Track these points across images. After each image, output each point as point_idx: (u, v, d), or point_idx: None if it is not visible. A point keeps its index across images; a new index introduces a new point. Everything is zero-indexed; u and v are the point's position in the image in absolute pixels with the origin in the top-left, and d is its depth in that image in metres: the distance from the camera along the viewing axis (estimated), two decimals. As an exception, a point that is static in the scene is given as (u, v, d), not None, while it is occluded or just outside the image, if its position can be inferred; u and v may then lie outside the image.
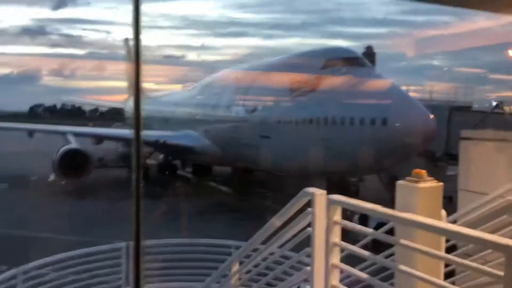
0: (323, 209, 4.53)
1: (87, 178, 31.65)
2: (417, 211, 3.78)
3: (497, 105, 25.84)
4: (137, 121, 3.21)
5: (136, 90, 3.11)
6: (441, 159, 27.77)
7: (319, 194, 4.59)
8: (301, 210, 5.05)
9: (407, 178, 4.08)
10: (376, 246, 6.09)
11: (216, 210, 27.54)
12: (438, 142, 25.37)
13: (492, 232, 6.38)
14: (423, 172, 4.00)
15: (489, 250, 5.91)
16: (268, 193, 31.99)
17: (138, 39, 2.90)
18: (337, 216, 4.38)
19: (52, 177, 32.75)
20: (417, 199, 3.89)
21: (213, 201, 30.05)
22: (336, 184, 25.44)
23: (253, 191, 33.36)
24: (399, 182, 4.15)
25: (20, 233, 21.46)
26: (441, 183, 4.04)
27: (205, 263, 10.52)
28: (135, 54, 2.94)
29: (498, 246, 2.90)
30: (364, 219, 18.74)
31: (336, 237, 4.37)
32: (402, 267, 3.64)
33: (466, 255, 6.44)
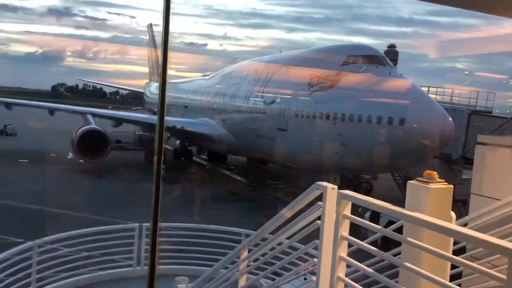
0: (334, 203, 4.63)
1: (104, 158, 32.16)
2: (425, 211, 3.86)
3: (518, 112, 25.38)
4: (162, 107, 3.33)
5: (163, 77, 3.22)
6: (457, 162, 27.56)
7: (330, 188, 4.69)
8: (311, 204, 5.17)
9: (418, 178, 4.15)
10: (386, 244, 6.18)
11: (228, 198, 27.84)
12: (455, 145, 25.17)
13: (502, 237, 6.42)
14: (434, 173, 4.06)
15: (497, 255, 5.96)
16: (281, 185, 32.16)
17: (168, 27, 2.98)
18: (347, 211, 4.47)
19: (70, 155, 33.42)
20: (427, 199, 3.96)
21: (226, 189, 30.38)
22: (350, 180, 25.46)
23: (265, 182, 33.57)
24: (410, 182, 4.22)
25: (37, 207, 22.10)
26: (451, 186, 4.10)
27: (215, 249, 10.72)
28: (164, 41, 3.03)
29: (503, 249, 2.97)
30: (374, 218, 18.82)
31: (344, 231, 4.47)
32: (407, 265, 3.72)
33: (474, 259, 6.49)
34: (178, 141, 41.25)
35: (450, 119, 21.78)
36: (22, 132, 48.23)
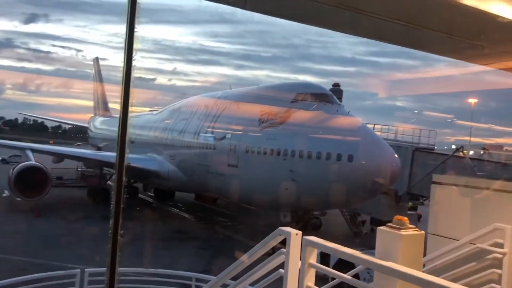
0: (298, 250, 4.38)
1: (44, 196, 30.39)
2: (398, 258, 3.68)
3: (458, 149, 26.63)
4: (122, 143, 3.01)
5: (124, 113, 2.93)
6: (403, 198, 28.29)
7: (294, 234, 4.45)
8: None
9: (388, 224, 3.98)
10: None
11: (175, 237, 26.88)
12: (400, 181, 25.87)
13: (459, 278, 6.39)
14: (405, 219, 3.91)
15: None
16: (230, 222, 31.58)
17: (130, 62, 2.74)
18: (313, 259, 4.23)
19: (6, 193, 31.40)
20: (399, 246, 3.78)
21: (173, 227, 29.34)
22: (300, 217, 25.35)
23: (214, 220, 32.84)
24: (380, 228, 4.05)
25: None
26: (423, 232, 3.97)
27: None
28: (125, 76, 2.77)
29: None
30: (325, 254, 18.69)
31: (310, 280, 4.22)
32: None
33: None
34: (123, 178, 39.86)
35: (396, 155, 22.40)
36: (-48, 168, 45.02)
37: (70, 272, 10.42)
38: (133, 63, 2.79)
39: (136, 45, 2.74)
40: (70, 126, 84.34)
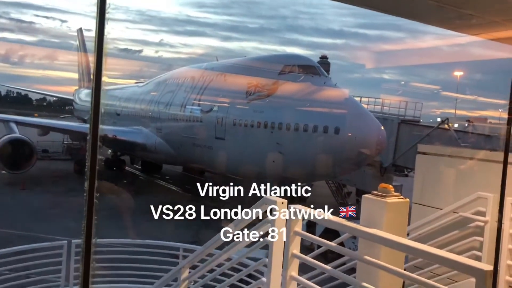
0: (284, 219, 4.39)
1: (29, 169, 30.15)
2: (382, 226, 3.72)
3: (443, 121, 26.83)
4: (96, 116, 2.92)
5: (97, 83, 2.84)
6: (388, 169, 28.63)
7: (280, 203, 4.45)
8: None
9: (373, 192, 4.00)
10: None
11: (162, 210, 26.93)
12: (386, 153, 26.13)
13: (444, 246, 6.51)
14: (390, 186, 3.93)
15: (437, 265, 6.01)
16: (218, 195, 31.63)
17: (103, 30, 2.64)
18: (298, 227, 4.25)
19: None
20: (384, 214, 3.82)
21: (160, 199, 29.38)
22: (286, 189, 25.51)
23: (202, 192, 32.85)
24: (365, 196, 4.07)
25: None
26: (407, 199, 4.01)
27: (153, 265, 10.19)
28: (97, 46, 2.67)
29: (471, 269, 2.85)
30: (310, 226, 18.91)
31: (295, 248, 4.25)
32: (364, 284, 3.55)
33: (416, 268, 6.53)
34: (110, 151, 39.66)
35: (383, 128, 22.54)
36: None
37: (57, 244, 10.39)
38: (106, 30, 2.69)
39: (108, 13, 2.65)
40: (55, 98, 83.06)
